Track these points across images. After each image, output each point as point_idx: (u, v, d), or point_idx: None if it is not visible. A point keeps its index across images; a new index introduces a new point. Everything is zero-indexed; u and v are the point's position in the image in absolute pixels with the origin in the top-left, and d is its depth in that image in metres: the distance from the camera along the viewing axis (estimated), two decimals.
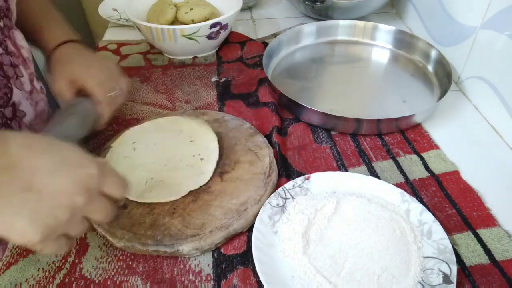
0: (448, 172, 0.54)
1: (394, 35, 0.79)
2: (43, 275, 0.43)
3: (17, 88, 0.52)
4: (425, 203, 0.51)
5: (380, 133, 0.61)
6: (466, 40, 0.68)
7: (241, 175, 0.52)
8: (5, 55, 0.51)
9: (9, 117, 0.51)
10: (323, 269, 0.42)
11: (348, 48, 0.81)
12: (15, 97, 0.51)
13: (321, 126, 0.62)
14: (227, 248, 0.46)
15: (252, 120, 0.63)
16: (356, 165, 0.56)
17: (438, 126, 0.62)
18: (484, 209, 0.50)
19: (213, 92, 0.70)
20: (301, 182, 0.51)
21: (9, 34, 0.53)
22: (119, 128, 0.62)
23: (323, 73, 0.76)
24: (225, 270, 0.44)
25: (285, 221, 0.46)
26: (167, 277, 0.43)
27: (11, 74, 0.52)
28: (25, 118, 0.53)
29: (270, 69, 0.74)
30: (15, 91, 0.52)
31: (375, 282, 0.40)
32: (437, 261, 0.42)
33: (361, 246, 0.44)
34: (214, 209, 0.47)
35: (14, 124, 0.52)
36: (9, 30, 0.53)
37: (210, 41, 0.75)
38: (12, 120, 0.51)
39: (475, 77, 0.67)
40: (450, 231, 0.47)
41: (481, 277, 0.43)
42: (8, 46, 0.52)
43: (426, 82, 0.71)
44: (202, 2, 0.79)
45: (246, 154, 0.55)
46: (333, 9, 0.86)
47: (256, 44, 0.82)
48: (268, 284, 0.40)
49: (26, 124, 0.53)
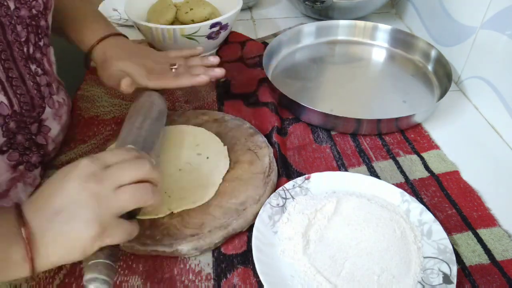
0: (448, 172, 0.54)
1: (394, 35, 0.79)
2: (43, 275, 0.43)
3: (49, 107, 0.52)
4: (425, 203, 0.51)
5: (380, 133, 0.61)
6: (466, 40, 0.68)
7: (241, 174, 0.52)
8: (42, 75, 0.51)
9: (34, 133, 0.50)
10: (323, 269, 0.42)
11: (348, 48, 0.81)
12: (44, 115, 0.51)
13: (321, 126, 0.62)
14: (227, 247, 0.46)
15: (251, 120, 0.63)
16: (356, 165, 0.56)
17: (438, 126, 0.62)
18: (484, 209, 0.50)
19: (213, 92, 0.70)
20: (301, 182, 0.51)
21: (46, 52, 0.52)
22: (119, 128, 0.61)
23: (323, 73, 0.76)
24: (225, 269, 0.44)
25: (285, 221, 0.46)
26: (167, 276, 0.43)
27: (46, 94, 0.51)
28: (50, 133, 0.53)
29: (270, 69, 0.74)
30: (47, 109, 0.52)
31: (375, 282, 0.40)
32: (437, 261, 0.42)
33: (361, 246, 0.44)
34: (213, 209, 0.47)
35: (40, 139, 0.51)
36: (46, 48, 0.53)
37: (210, 41, 0.75)
38: (37, 135, 0.51)
39: (475, 77, 0.67)
40: (450, 231, 0.47)
41: (481, 277, 0.43)
42: (45, 66, 0.52)
43: (426, 82, 0.71)
44: (202, 2, 0.79)
45: (245, 154, 0.55)
46: (333, 9, 0.86)
47: (256, 44, 0.82)
48: (268, 284, 0.40)
49: (51, 137, 0.53)
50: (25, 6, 0.47)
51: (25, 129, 0.49)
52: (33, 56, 0.49)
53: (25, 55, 0.48)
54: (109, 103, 0.67)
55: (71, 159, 0.56)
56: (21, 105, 0.47)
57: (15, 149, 0.48)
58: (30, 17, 0.48)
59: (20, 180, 0.50)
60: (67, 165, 0.37)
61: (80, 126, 0.62)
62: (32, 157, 0.51)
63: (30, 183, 0.52)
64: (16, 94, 0.46)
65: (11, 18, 0.45)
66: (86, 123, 0.63)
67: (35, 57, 0.49)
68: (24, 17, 0.47)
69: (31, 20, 0.48)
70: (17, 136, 0.48)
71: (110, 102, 0.67)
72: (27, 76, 0.48)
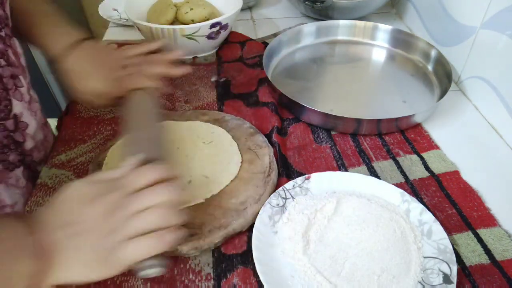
0: (448, 172, 0.54)
1: (394, 35, 0.79)
2: None
3: (16, 100, 0.51)
4: (425, 203, 0.51)
5: (380, 133, 0.61)
6: (466, 40, 0.68)
7: (241, 174, 0.52)
8: (6, 66, 0.49)
9: (12, 129, 0.50)
10: (323, 269, 0.42)
11: (348, 48, 0.81)
12: (15, 108, 0.50)
13: (321, 126, 0.62)
14: (227, 247, 0.46)
15: (251, 120, 0.63)
16: (356, 165, 0.56)
17: (438, 126, 0.62)
18: (484, 209, 0.50)
19: (213, 92, 0.70)
20: (301, 182, 0.51)
21: (10, 43, 0.51)
22: (119, 128, 0.62)
23: (323, 73, 0.76)
24: (225, 269, 0.44)
25: (285, 221, 0.46)
26: (167, 276, 0.43)
27: (10, 85, 0.50)
28: (28, 129, 0.52)
29: (270, 69, 0.74)
30: (15, 102, 0.50)
31: (375, 282, 0.40)
32: (437, 261, 0.42)
33: (361, 246, 0.44)
34: (213, 209, 0.47)
35: (17, 136, 0.51)
36: (9, 39, 0.52)
37: (210, 41, 0.75)
38: (15, 132, 0.50)
39: (475, 77, 0.67)
40: (450, 231, 0.47)
41: (481, 277, 0.43)
42: (10, 57, 0.51)
43: (426, 82, 0.71)
44: (202, 2, 0.79)
45: (245, 153, 0.55)
46: (333, 9, 0.86)
47: (256, 44, 0.82)
48: (268, 284, 0.40)
49: (30, 134, 0.52)
50: None
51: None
52: None
53: None
54: None
55: (71, 158, 0.56)
56: None
57: None
58: None
59: (1, 181, 0.49)
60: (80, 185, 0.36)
61: (80, 126, 0.62)
62: (10, 155, 0.50)
63: (13, 183, 0.51)
64: None
65: None
66: (86, 123, 0.63)
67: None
68: None
69: None
70: None
71: None
72: None
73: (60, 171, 0.54)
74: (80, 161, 0.56)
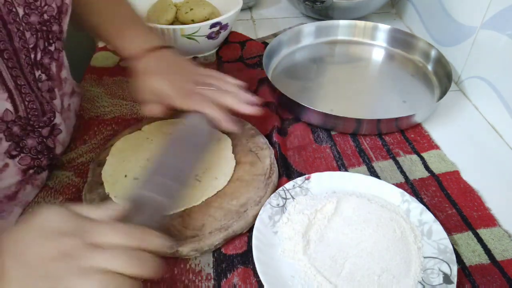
0: (448, 172, 0.54)
1: (394, 35, 0.79)
2: None
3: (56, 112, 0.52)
4: (425, 203, 0.51)
5: (380, 133, 0.61)
6: (466, 40, 0.68)
7: (242, 176, 0.52)
8: (45, 81, 0.49)
9: (45, 136, 0.50)
10: (323, 269, 0.42)
11: (348, 48, 0.81)
12: (57, 119, 0.51)
13: (321, 126, 0.62)
14: (228, 247, 0.46)
15: (251, 120, 0.63)
16: (356, 165, 0.56)
17: (438, 126, 0.62)
18: (484, 209, 0.50)
19: None
20: (301, 182, 0.51)
21: (57, 57, 0.51)
22: (119, 128, 0.62)
23: (323, 73, 0.76)
24: (226, 269, 0.44)
25: (285, 221, 0.46)
26: (167, 276, 0.43)
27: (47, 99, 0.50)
28: (59, 136, 0.53)
29: (270, 69, 0.74)
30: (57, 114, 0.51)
31: (375, 282, 0.40)
32: (437, 261, 0.42)
33: (361, 246, 0.44)
34: (214, 210, 0.47)
35: (49, 142, 0.51)
36: (58, 53, 0.51)
37: (210, 41, 0.75)
38: (48, 138, 0.50)
39: (475, 77, 0.67)
40: (450, 231, 0.47)
41: (481, 277, 0.43)
42: (51, 71, 0.50)
43: (426, 82, 0.71)
44: (202, 2, 0.79)
45: (246, 155, 0.54)
46: (333, 9, 0.86)
47: (256, 44, 0.82)
48: (268, 284, 0.40)
49: (59, 141, 0.53)
50: (36, 12, 0.45)
51: (35, 132, 0.48)
52: (40, 62, 0.48)
53: (31, 61, 0.46)
54: (109, 103, 0.67)
55: (71, 159, 0.56)
56: (27, 111, 0.46)
57: (27, 153, 0.48)
58: (41, 22, 0.46)
59: (29, 182, 0.50)
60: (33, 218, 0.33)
61: (80, 126, 0.62)
62: (43, 160, 0.51)
63: (38, 185, 0.52)
64: (25, 101, 0.46)
65: (19, 24, 0.44)
66: (86, 123, 0.63)
67: (42, 62, 0.48)
68: (34, 23, 0.45)
69: (41, 26, 0.47)
70: (26, 140, 0.47)
71: (110, 102, 0.67)
72: (32, 83, 0.47)
73: (60, 172, 0.54)
74: (80, 161, 0.56)
